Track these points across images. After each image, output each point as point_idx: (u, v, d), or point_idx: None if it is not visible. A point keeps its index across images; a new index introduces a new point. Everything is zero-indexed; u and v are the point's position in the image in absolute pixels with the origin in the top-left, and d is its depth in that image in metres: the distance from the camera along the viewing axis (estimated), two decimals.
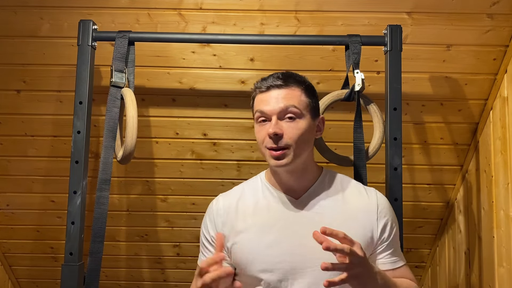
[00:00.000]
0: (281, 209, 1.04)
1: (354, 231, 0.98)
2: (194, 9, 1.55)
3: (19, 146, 1.75)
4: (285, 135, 0.98)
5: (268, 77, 1.04)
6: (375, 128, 1.38)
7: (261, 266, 1.00)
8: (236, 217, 1.06)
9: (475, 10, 1.51)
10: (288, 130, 0.99)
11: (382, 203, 1.06)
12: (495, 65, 1.58)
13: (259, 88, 1.03)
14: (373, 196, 1.07)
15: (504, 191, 1.54)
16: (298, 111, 1.00)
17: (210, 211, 1.12)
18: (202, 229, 1.12)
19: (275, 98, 1.00)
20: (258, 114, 1.02)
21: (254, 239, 1.02)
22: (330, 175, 1.10)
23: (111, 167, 1.36)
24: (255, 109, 1.04)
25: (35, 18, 1.54)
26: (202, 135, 1.74)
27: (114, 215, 1.88)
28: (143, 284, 2.08)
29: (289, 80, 1.02)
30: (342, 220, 1.01)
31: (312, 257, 0.97)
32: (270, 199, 1.07)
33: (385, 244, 1.03)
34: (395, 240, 1.06)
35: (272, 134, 0.97)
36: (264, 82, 1.03)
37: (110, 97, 1.38)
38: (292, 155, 0.99)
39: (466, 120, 1.69)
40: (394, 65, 1.36)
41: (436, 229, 1.96)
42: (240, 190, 1.13)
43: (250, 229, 1.03)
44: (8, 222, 1.91)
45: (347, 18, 1.54)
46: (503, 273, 1.54)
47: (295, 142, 0.99)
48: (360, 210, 1.04)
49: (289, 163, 0.99)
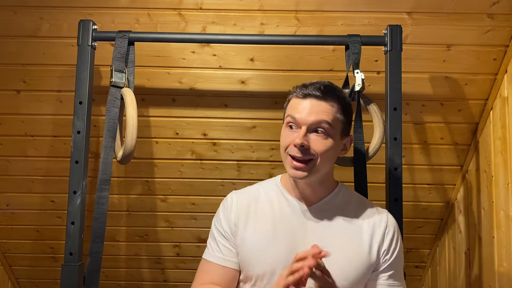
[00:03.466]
0: (292, 215, 1.04)
1: (359, 249, 1.00)
2: (194, 9, 1.55)
3: (19, 146, 1.75)
4: (311, 149, 0.96)
5: (309, 84, 1.00)
6: (375, 128, 1.38)
7: (264, 268, 0.99)
8: (248, 215, 1.05)
9: (475, 10, 1.51)
10: (315, 145, 0.97)
11: (390, 225, 1.04)
12: (495, 65, 1.58)
13: (296, 93, 1.00)
14: (384, 217, 1.05)
15: (504, 191, 1.54)
16: (330, 128, 0.97)
17: (225, 206, 1.10)
18: (215, 223, 1.10)
19: (309, 108, 0.97)
20: (289, 119, 0.99)
21: (262, 239, 1.01)
22: (344, 190, 1.09)
23: (111, 167, 1.36)
24: (288, 112, 1.01)
25: (35, 18, 1.54)
26: (202, 135, 1.74)
27: (114, 215, 1.88)
28: (143, 284, 2.08)
29: (329, 94, 0.99)
30: (346, 235, 1.01)
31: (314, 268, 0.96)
32: (283, 203, 1.06)
33: (386, 264, 1.01)
34: (397, 263, 1.03)
35: (299, 145, 0.95)
36: (303, 89, 1.00)
37: (110, 97, 1.38)
38: (312, 170, 0.98)
39: (466, 120, 1.69)
40: (394, 65, 1.36)
41: (436, 229, 1.96)
42: (255, 190, 1.12)
43: (259, 230, 1.03)
44: (8, 222, 1.91)
45: (347, 18, 1.54)
46: (503, 273, 1.54)
47: (319, 157, 0.97)
48: (366, 228, 1.03)
49: (306, 176, 0.98)
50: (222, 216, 1.09)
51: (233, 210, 1.07)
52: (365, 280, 1.01)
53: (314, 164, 0.97)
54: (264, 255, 1.00)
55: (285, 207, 1.05)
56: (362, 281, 1.00)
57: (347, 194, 1.09)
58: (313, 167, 0.97)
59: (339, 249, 0.98)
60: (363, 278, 0.99)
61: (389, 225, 1.03)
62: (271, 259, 0.99)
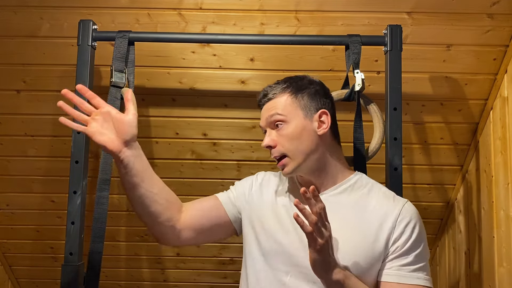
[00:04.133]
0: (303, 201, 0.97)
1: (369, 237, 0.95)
2: (194, 9, 1.55)
3: (19, 146, 1.75)
4: (277, 145, 1.00)
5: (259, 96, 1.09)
6: (375, 128, 1.37)
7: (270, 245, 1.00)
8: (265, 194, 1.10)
9: (475, 10, 1.51)
10: (278, 139, 1.01)
11: (405, 213, 0.97)
12: (495, 65, 1.58)
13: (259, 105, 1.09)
14: (399, 205, 0.99)
15: (504, 191, 1.54)
16: (282, 117, 1.00)
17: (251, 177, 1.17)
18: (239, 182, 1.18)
19: (264, 111, 1.05)
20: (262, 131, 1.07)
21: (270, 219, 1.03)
22: (360, 179, 1.06)
23: (111, 167, 1.36)
24: None
25: (35, 18, 1.54)
26: (202, 135, 1.74)
27: (114, 215, 1.88)
28: (143, 284, 2.08)
29: (273, 91, 1.05)
30: (354, 223, 0.97)
31: None
32: (295, 190, 1.07)
33: (396, 255, 0.94)
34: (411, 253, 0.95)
35: (265, 147, 1.02)
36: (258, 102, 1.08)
37: (110, 97, 1.38)
38: (292, 161, 1.00)
39: (466, 120, 1.69)
40: (394, 65, 1.36)
41: (436, 229, 1.96)
42: (279, 175, 1.15)
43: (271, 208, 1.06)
44: (8, 222, 1.91)
45: (347, 18, 1.54)
46: (503, 273, 1.54)
47: (287, 148, 1.00)
48: (377, 216, 0.97)
49: (293, 170, 1.00)
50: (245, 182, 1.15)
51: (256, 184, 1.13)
52: (376, 269, 0.95)
53: (289, 156, 1.00)
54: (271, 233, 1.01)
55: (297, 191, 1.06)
56: (373, 270, 0.95)
57: (363, 183, 1.05)
58: (290, 159, 1.00)
59: (348, 238, 0.95)
60: (373, 266, 0.94)
61: (404, 213, 0.97)
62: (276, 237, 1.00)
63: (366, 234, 0.96)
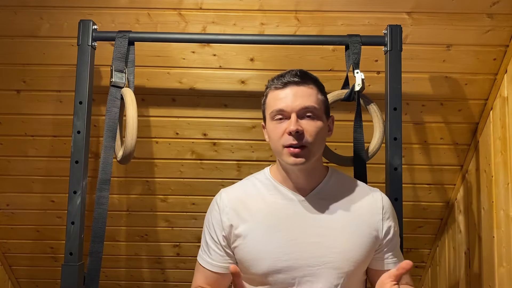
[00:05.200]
0: (289, 207, 1.02)
1: (361, 230, 1.01)
2: (194, 9, 1.55)
3: (19, 146, 1.75)
4: (306, 133, 0.97)
5: (283, 74, 1.01)
6: (375, 128, 1.38)
7: (268, 265, 0.98)
8: (242, 214, 1.03)
9: (475, 10, 1.51)
10: (308, 128, 0.97)
11: (386, 204, 1.06)
12: (495, 65, 1.58)
13: (275, 84, 1.01)
14: (378, 196, 1.07)
15: (504, 191, 1.54)
16: (316, 110, 0.99)
17: (215, 209, 1.07)
18: (206, 227, 1.08)
19: (293, 95, 0.98)
20: (275, 112, 0.99)
21: (261, 237, 1.00)
22: (336, 175, 1.09)
23: (111, 167, 1.36)
24: (272, 107, 1.00)
25: (35, 18, 1.54)
26: (202, 135, 1.74)
27: (114, 215, 1.88)
28: (143, 284, 2.08)
29: (306, 77, 1.01)
30: (346, 220, 1.02)
31: (319, 256, 0.98)
32: (277, 196, 1.05)
33: (390, 244, 1.04)
34: (396, 240, 1.07)
35: (294, 132, 0.95)
36: (281, 79, 1.00)
37: (110, 97, 1.38)
38: (310, 154, 0.98)
39: (466, 120, 1.69)
40: (394, 65, 1.36)
41: (436, 229, 1.96)
42: (244, 186, 1.10)
43: (257, 226, 1.01)
44: (8, 222, 1.91)
45: (347, 18, 1.54)
46: (503, 273, 1.54)
47: (314, 140, 0.98)
48: (365, 209, 1.04)
49: (306, 161, 0.98)
50: (213, 220, 1.06)
51: (225, 211, 1.04)
52: (369, 260, 1.03)
53: (310, 148, 0.97)
54: (267, 253, 0.99)
55: (279, 200, 1.04)
56: (366, 261, 1.02)
57: (339, 178, 1.09)
58: (309, 151, 0.98)
59: (341, 234, 0.99)
60: (367, 258, 1.02)
61: (385, 204, 1.06)
62: (274, 255, 0.98)
63: (362, 227, 1.02)
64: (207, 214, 1.10)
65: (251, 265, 1.00)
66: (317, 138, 0.98)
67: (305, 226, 1.00)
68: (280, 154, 1.00)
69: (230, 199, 1.06)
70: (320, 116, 1.00)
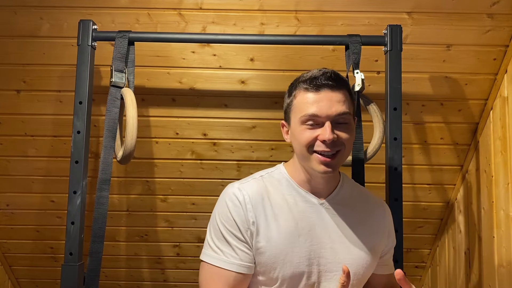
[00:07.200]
0: (309, 210, 0.98)
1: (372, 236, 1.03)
2: (194, 9, 1.55)
3: (19, 146, 1.75)
4: (339, 140, 0.92)
5: (317, 76, 0.93)
6: (375, 128, 1.38)
7: (291, 270, 0.94)
8: (266, 213, 0.95)
9: (475, 10, 1.51)
10: (342, 136, 0.93)
11: (389, 213, 1.09)
12: (495, 65, 1.58)
13: (306, 86, 0.93)
14: (385, 205, 1.10)
15: (504, 191, 1.54)
16: (349, 116, 0.94)
17: (235, 203, 0.96)
18: (224, 224, 0.96)
19: (328, 100, 0.91)
20: (307, 117, 0.92)
21: (284, 240, 0.94)
22: (346, 179, 1.08)
23: (111, 167, 1.36)
24: (303, 110, 0.93)
25: (35, 18, 1.54)
26: (202, 135, 1.74)
27: (114, 215, 1.88)
28: (143, 284, 2.08)
29: (340, 81, 0.94)
30: (362, 226, 1.02)
31: (338, 262, 0.97)
32: (297, 197, 0.99)
33: (390, 251, 1.09)
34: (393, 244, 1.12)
35: (330, 141, 0.90)
36: (314, 81, 0.92)
37: (110, 97, 1.38)
38: (340, 162, 0.95)
39: (466, 120, 1.69)
40: (394, 65, 1.36)
41: (436, 229, 1.96)
42: (261, 183, 1.00)
43: (280, 229, 0.95)
44: (8, 222, 1.91)
45: (347, 18, 1.54)
46: (503, 273, 1.54)
47: (346, 148, 0.95)
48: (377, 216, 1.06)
49: (334, 171, 0.95)
50: (235, 216, 0.95)
51: (248, 208, 0.95)
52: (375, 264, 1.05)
53: (341, 155, 0.94)
54: (290, 256, 0.94)
55: (300, 202, 0.99)
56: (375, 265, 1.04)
57: (349, 182, 1.08)
58: (340, 158, 0.94)
59: (357, 240, 1.00)
60: (375, 264, 1.04)
61: (389, 213, 1.09)
62: (296, 259, 0.94)
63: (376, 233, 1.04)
64: (224, 212, 0.97)
65: (271, 269, 0.94)
66: (348, 145, 0.95)
67: (325, 231, 0.98)
68: (306, 159, 0.95)
69: (251, 196, 0.96)
70: (351, 121, 0.96)
